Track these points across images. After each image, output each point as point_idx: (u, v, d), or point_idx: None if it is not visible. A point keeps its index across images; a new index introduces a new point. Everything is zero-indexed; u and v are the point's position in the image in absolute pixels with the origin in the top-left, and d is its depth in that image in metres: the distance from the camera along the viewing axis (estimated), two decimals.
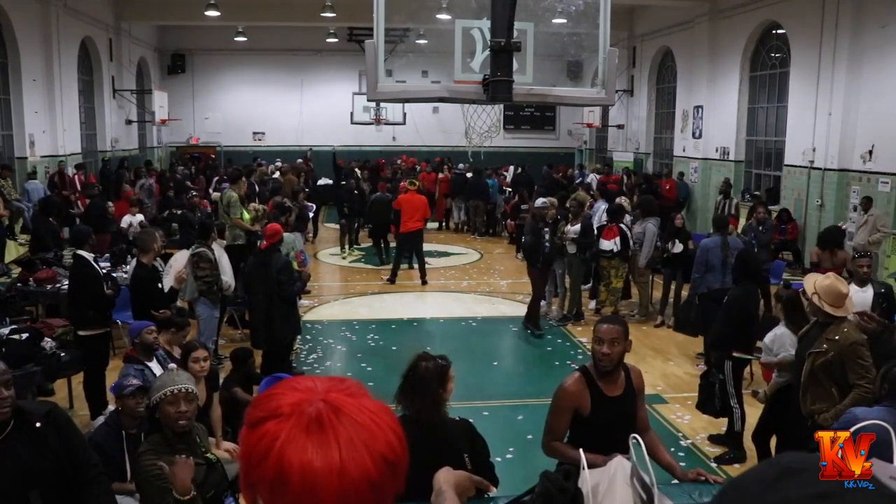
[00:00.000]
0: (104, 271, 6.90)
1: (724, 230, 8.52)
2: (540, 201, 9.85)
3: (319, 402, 0.94)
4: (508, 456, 5.58)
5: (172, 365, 3.82)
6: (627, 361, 3.61)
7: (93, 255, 6.51)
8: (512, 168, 19.72)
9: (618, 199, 11.58)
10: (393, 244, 13.47)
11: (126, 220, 11.18)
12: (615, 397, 3.52)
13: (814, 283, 4.48)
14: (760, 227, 10.73)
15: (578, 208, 9.86)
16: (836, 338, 4.34)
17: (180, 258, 7.51)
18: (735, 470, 5.66)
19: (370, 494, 0.90)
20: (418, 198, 12.29)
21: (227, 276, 7.72)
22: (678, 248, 9.39)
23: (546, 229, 9.29)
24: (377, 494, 0.91)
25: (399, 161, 21.11)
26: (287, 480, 0.89)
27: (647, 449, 3.46)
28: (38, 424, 3.08)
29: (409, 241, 12.22)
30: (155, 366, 4.98)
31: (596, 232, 9.83)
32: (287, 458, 0.89)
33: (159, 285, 6.62)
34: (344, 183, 16.05)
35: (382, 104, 20.06)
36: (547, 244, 9.27)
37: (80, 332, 6.21)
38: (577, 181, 17.71)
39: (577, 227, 9.58)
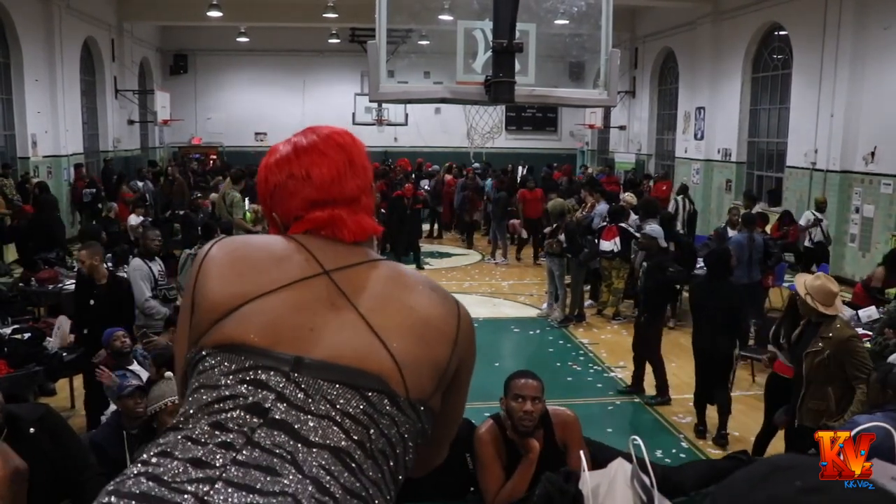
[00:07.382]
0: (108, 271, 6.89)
1: (751, 227, 8.86)
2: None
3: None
4: None
5: (169, 374, 3.81)
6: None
7: None
8: (527, 168, 19.44)
9: (623, 196, 11.55)
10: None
11: (131, 220, 11.21)
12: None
13: (804, 283, 4.54)
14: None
15: (558, 218, 9.77)
16: (830, 335, 4.41)
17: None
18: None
19: (340, 156, 1.27)
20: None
21: None
22: None
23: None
24: (339, 174, 1.26)
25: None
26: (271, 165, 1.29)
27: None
28: (31, 430, 3.05)
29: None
30: (135, 367, 5.02)
31: (596, 233, 9.82)
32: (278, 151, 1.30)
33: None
34: None
35: (384, 105, 20.03)
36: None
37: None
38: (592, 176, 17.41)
39: (562, 236, 9.54)
